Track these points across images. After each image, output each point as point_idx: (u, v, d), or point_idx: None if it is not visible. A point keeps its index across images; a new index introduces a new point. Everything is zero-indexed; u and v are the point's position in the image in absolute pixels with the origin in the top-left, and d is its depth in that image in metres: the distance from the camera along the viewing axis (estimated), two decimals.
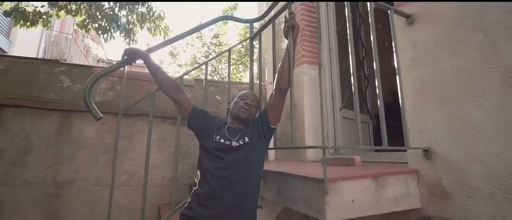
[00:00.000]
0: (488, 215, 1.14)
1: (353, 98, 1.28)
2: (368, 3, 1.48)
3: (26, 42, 7.58)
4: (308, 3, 2.86)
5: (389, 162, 1.82)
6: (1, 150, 2.11)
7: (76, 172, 2.28)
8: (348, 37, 1.37)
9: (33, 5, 3.13)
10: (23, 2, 2.99)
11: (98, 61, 15.60)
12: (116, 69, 1.44)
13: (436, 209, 1.32)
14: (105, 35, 3.80)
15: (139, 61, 1.46)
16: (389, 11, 1.53)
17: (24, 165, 2.15)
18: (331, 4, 2.93)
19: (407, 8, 1.59)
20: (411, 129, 1.47)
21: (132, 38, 3.91)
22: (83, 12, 3.58)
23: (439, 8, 1.42)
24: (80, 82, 2.44)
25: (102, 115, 1.35)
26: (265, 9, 3.26)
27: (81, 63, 9.65)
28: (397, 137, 1.45)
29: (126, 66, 1.51)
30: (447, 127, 1.32)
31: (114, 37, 3.90)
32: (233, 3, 4.98)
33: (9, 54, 6.14)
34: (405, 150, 1.51)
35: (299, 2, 2.84)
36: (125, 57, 1.41)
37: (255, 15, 3.71)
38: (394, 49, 1.50)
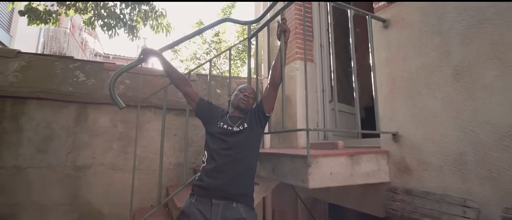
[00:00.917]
0: (437, 184, 1.43)
1: (342, 92, 1.55)
2: (348, 10, 1.73)
3: (26, 37, 7.72)
4: (301, 2, 3.10)
5: (369, 146, 2.11)
6: (28, 138, 2.37)
7: (93, 157, 2.55)
8: (330, 40, 1.63)
9: (44, 4, 3.34)
10: (34, 2, 3.19)
11: (95, 55, 15.66)
12: (134, 66, 1.70)
13: (401, 182, 1.61)
14: (110, 32, 4.01)
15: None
16: (367, 17, 1.79)
17: (48, 151, 2.41)
18: (323, 3, 3.17)
19: (384, 13, 1.85)
20: (383, 117, 1.76)
21: (135, 34, 4.13)
22: (89, 10, 3.79)
23: (409, 14, 1.69)
24: (93, 77, 2.69)
25: (124, 105, 1.61)
26: (262, 8, 3.50)
27: (80, 57, 9.83)
28: None
29: (142, 63, 1.76)
30: (411, 115, 1.61)
31: (118, 34, 4.11)
32: (231, 2, 5.23)
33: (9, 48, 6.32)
34: (378, 135, 1.80)
35: (293, 3, 3.08)
36: (142, 56, 1.66)
37: (251, 12, 3.94)
38: (370, 49, 1.77)
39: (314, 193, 2.49)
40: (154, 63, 3.29)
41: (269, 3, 3.45)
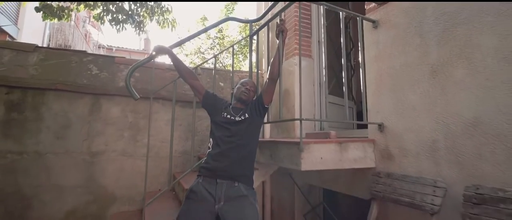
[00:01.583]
0: (414, 168, 1.63)
1: (338, 85, 1.74)
2: (340, 12, 1.91)
3: (32, 29, 7.90)
4: (302, 4, 3.25)
5: (359, 136, 2.31)
6: (47, 126, 2.59)
7: (106, 144, 2.77)
8: (324, 38, 1.81)
9: (57, 1, 3.52)
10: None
11: (99, 47, 15.82)
12: (148, 62, 1.89)
13: (384, 167, 1.82)
14: (118, 26, 4.20)
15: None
16: (358, 18, 1.96)
17: (65, 138, 2.63)
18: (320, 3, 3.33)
19: (374, 15, 2.02)
20: (371, 109, 1.95)
21: (142, 29, 4.31)
22: (99, 5, 3.97)
23: (396, 16, 1.86)
24: (105, 70, 2.89)
25: (139, 96, 1.81)
26: (263, 7, 3.65)
27: (83, 49, 10.04)
28: None
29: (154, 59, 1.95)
30: (394, 107, 1.80)
31: (125, 28, 4.30)
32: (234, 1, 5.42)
33: (18, 41, 6.52)
34: (366, 125, 1.99)
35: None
36: (154, 52, 1.85)
37: (253, 8, 4.10)
38: (359, 48, 1.95)
39: (309, 180, 2.70)
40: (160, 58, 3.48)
41: (270, 3, 3.61)
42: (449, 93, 1.49)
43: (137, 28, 4.28)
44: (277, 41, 1.83)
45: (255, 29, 2.28)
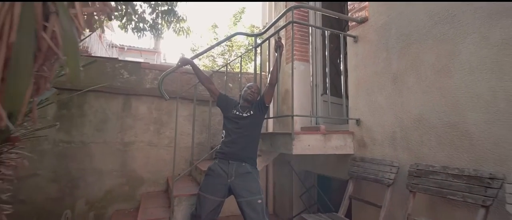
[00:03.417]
0: (380, 153, 2.12)
1: (331, 86, 2.23)
2: (325, 32, 2.39)
3: None
4: (300, 11, 3.72)
5: (343, 130, 2.79)
6: (89, 120, 3.17)
7: (136, 136, 3.34)
8: (316, 47, 2.30)
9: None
10: None
11: (111, 46, 16.50)
12: (174, 70, 2.43)
13: (359, 153, 2.31)
14: (139, 34, 4.77)
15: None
16: (341, 35, 2.44)
17: (103, 130, 3.21)
18: (318, 15, 3.79)
19: (355, 31, 2.49)
20: (351, 108, 2.44)
21: (160, 36, 4.87)
22: (123, 15, 4.53)
23: (370, 33, 2.33)
24: (134, 74, 3.44)
25: (168, 97, 2.35)
26: (267, 16, 4.14)
27: (98, 48, 10.73)
28: None
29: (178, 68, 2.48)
30: (368, 107, 2.28)
31: (146, 35, 4.87)
32: (241, 7, 5.93)
33: None
34: (347, 121, 2.48)
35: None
36: (179, 63, 2.39)
37: (258, 18, 4.58)
38: (342, 58, 2.43)
39: (305, 166, 3.21)
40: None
41: (273, 12, 4.10)
42: (404, 95, 1.97)
43: (156, 35, 4.84)
44: (276, 54, 2.33)
45: (259, 43, 2.79)
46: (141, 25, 4.55)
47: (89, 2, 1.00)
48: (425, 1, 1.85)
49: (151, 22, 4.40)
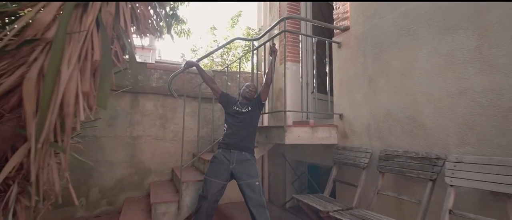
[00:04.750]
0: (358, 142, 2.52)
1: (319, 85, 2.60)
2: (313, 38, 2.77)
3: None
4: (293, 17, 4.09)
5: (329, 124, 3.19)
6: (101, 116, 3.48)
7: (143, 130, 3.67)
8: (309, 50, 2.67)
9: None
10: None
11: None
12: (182, 72, 2.77)
13: (342, 143, 2.71)
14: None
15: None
16: (326, 41, 2.82)
17: (114, 125, 3.53)
18: (309, 16, 4.16)
19: (338, 38, 2.88)
20: (336, 104, 2.83)
21: (161, 37, 5.16)
22: None
23: (350, 40, 2.71)
24: (141, 74, 3.76)
25: (177, 95, 2.69)
26: (262, 19, 4.48)
27: None
28: None
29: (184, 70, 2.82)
30: (349, 103, 2.67)
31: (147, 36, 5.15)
32: (238, 11, 6.19)
33: None
34: (332, 116, 2.88)
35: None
36: (185, 65, 2.73)
37: (253, 20, 4.93)
38: (327, 61, 2.82)
39: (296, 156, 3.60)
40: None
41: (268, 18, 4.45)
42: (377, 94, 2.37)
43: (158, 37, 5.13)
44: (270, 58, 2.70)
45: (256, 47, 3.15)
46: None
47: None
48: (420, 1, 2.23)
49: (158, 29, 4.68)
